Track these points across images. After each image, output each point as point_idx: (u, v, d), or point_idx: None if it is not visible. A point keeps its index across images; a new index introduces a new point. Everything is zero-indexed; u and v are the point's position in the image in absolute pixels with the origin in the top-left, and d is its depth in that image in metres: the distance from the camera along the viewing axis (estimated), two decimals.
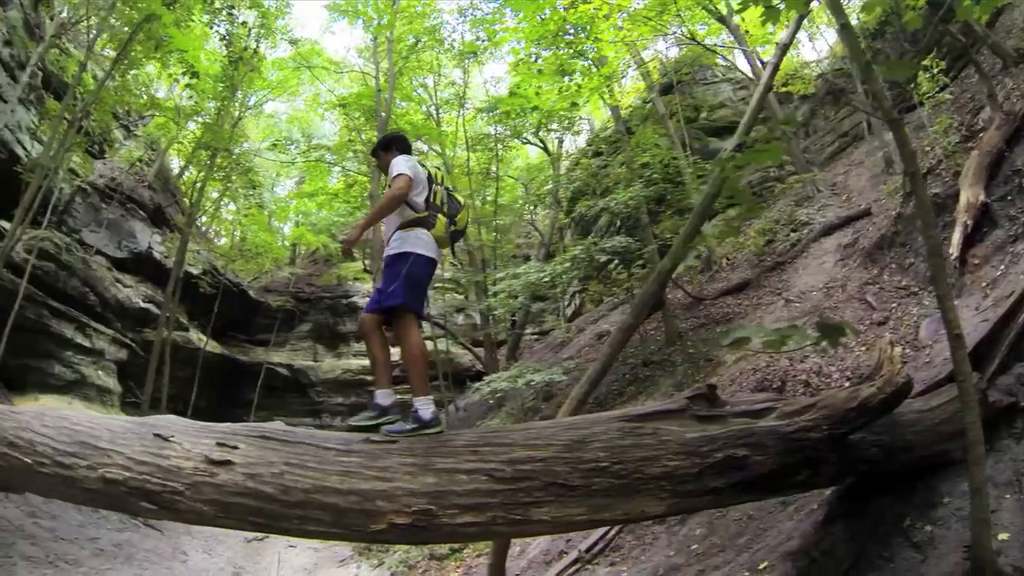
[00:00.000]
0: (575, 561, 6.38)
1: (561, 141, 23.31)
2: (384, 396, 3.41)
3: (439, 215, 3.51)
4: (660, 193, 11.99)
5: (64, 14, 16.67)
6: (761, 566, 4.20)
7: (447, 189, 3.69)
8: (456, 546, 8.11)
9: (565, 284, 13.83)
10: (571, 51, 10.86)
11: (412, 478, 2.93)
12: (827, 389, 5.94)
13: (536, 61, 11.38)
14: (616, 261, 12.07)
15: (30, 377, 16.10)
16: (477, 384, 12.20)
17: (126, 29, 12.80)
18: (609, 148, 16.77)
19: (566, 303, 20.61)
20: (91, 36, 13.28)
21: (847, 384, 5.89)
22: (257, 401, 21.82)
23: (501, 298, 13.88)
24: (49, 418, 3.15)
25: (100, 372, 18.38)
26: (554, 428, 3.32)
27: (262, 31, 15.87)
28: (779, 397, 4.03)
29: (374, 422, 3.29)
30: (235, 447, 2.94)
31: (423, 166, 3.62)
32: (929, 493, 3.49)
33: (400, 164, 3.45)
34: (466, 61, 18.57)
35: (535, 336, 21.45)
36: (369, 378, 22.49)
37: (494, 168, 19.48)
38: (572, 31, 10.61)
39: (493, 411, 14.39)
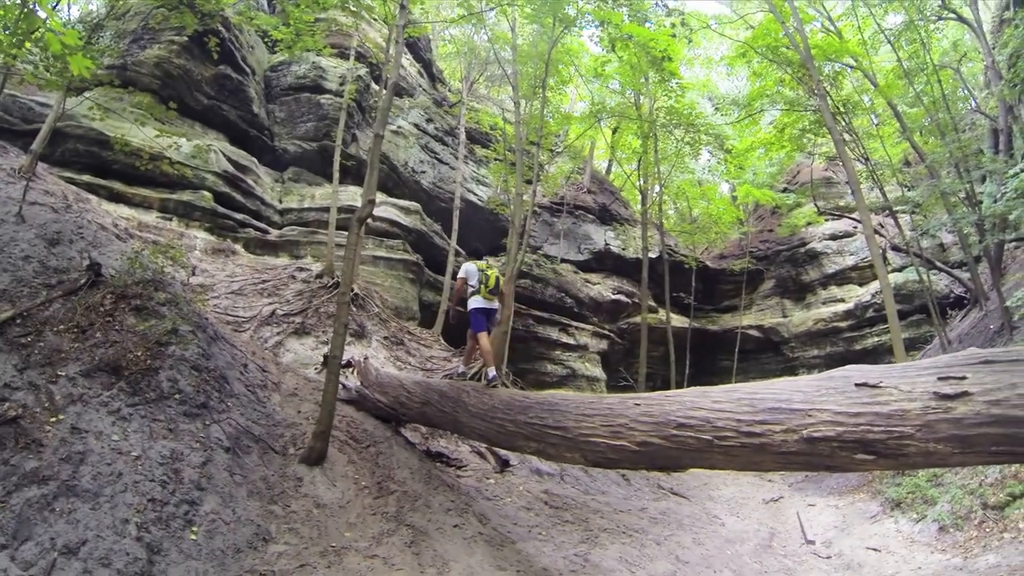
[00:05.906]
0: None
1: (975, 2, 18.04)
2: (491, 371, 6.81)
3: (482, 286, 7.12)
4: None
5: (457, 84, 20.30)
6: None
7: (482, 271, 7.20)
8: (1018, 491, 7.00)
9: None
10: None
11: None
12: None
13: None
14: None
15: (528, 377, 19.54)
16: (988, 306, 10.21)
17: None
18: None
19: None
20: (513, 78, 15.65)
21: None
22: (735, 366, 22.24)
23: (1008, 198, 11.08)
24: (717, 393, 3.19)
25: (587, 364, 21.08)
26: None
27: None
28: None
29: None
30: (962, 377, 2.77)
31: (477, 267, 7.27)
32: None
33: (461, 270, 7.35)
34: None
35: (1013, 244, 16.90)
36: (842, 324, 22.31)
37: (907, 64, 16.15)
38: None
39: (1001, 334, 12.09)
